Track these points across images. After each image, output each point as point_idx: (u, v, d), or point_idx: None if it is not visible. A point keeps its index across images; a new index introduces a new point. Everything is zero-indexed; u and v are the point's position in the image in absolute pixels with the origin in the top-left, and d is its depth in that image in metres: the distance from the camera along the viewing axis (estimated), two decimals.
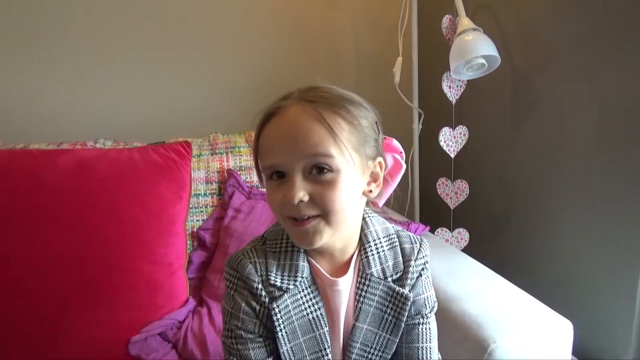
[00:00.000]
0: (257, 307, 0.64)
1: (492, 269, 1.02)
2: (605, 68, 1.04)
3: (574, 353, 0.88)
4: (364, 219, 0.68)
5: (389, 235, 0.69)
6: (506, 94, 1.33)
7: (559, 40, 1.14)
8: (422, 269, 0.69)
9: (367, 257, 0.66)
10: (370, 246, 0.67)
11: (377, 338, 0.66)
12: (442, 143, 1.35)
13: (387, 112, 1.86)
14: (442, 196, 1.41)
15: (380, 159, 0.65)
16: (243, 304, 0.64)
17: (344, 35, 1.67)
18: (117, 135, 1.33)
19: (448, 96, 1.34)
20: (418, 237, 0.71)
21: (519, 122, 1.31)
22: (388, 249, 0.68)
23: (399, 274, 0.67)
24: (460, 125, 1.35)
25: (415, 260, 0.68)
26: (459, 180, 1.39)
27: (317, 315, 0.64)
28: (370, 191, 0.64)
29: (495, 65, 1.21)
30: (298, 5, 1.59)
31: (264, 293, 0.63)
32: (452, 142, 1.36)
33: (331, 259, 0.66)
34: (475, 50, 1.16)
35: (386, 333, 0.66)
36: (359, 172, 0.61)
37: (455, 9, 1.25)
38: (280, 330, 0.63)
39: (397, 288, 0.66)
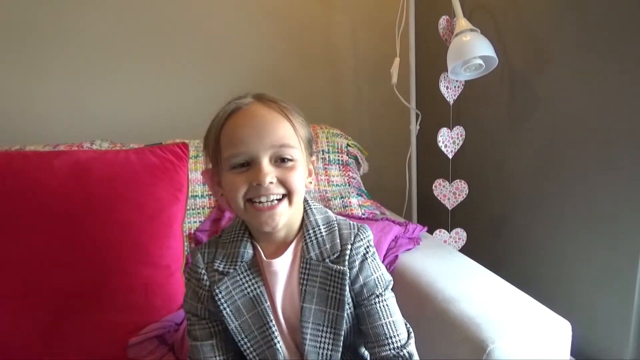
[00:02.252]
0: (200, 292, 0.73)
1: (491, 270, 1.02)
2: (602, 68, 1.04)
3: (572, 353, 0.88)
4: (305, 210, 0.75)
5: (329, 222, 0.75)
6: (504, 94, 1.34)
7: (557, 41, 1.14)
8: (366, 252, 0.73)
9: (306, 243, 0.72)
10: (309, 234, 0.73)
11: (326, 315, 0.71)
12: (440, 144, 1.35)
13: (384, 113, 1.90)
14: (439, 198, 1.41)
15: (313, 158, 0.76)
16: (190, 292, 0.75)
17: (341, 36, 1.67)
18: (114, 136, 1.32)
19: (445, 97, 1.34)
20: (357, 224, 0.76)
21: (516, 122, 1.31)
22: (326, 234, 0.74)
23: (336, 255, 0.72)
24: (457, 126, 1.35)
25: (352, 243, 0.72)
26: (458, 180, 1.39)
27: (257, 293, 0.71)
28: (311, 182, 0.74)
29: (492, 66, 1.21)
30: (295, 6, 1.59)
31: (206, 277, 0.73)
32: (450, 143, 1.36)
33: (273, 241, 0.74)
34: (472, 51, 1.16)
35: (333, 309, 0.71)
36: (305, 164, 0.71)
37: (453, 9, 1.25)
38: (224, 309, 0.71)
39: (334, 266, 0.71)
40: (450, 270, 1.01)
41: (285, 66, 1.61)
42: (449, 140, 1.36)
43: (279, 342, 0.71)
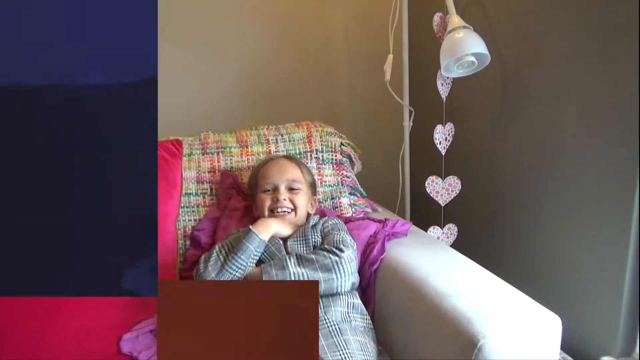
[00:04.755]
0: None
1: (482, 265, 1.03)
2: (595, 65, 1.04)
3: (562, 348, 0.89)
4: (308, 214, 1.20)
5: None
6: (496, 91, 1.34)
7: (549, 38, 1.15)
8: (330, 220, 1.15)
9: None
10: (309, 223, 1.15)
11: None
12: (436, 141, 1.35)
13: (377, 110, 1.89)
14: (431, 194, 1.41)
15: (316, 197, 1.26)
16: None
17: (335, 33, 1.67)
18: None
19: (441, 94, 1.34)
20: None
21: (508, 119, 1.32)
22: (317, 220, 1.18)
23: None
24: (448, 123, 1.36)
25: (327, 219, 1.16)
26: (450, 176, 1.40)
27: (277, 247, 1.06)
28: (312, 207, 1.22)
29: (485, 63, 1.21)
30: (289, 3, 1.58)
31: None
32: (443, 140, 1.37)
33: None
34: (465, 48, 1.17)
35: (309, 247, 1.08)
36: (308, 198, 1.19)
37: (446, 6, 1.25)
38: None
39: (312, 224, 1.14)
40: (442, 266, 1.02)
41: (278, 63, 1.61)
42: (442, 137, 1.36)
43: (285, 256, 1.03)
